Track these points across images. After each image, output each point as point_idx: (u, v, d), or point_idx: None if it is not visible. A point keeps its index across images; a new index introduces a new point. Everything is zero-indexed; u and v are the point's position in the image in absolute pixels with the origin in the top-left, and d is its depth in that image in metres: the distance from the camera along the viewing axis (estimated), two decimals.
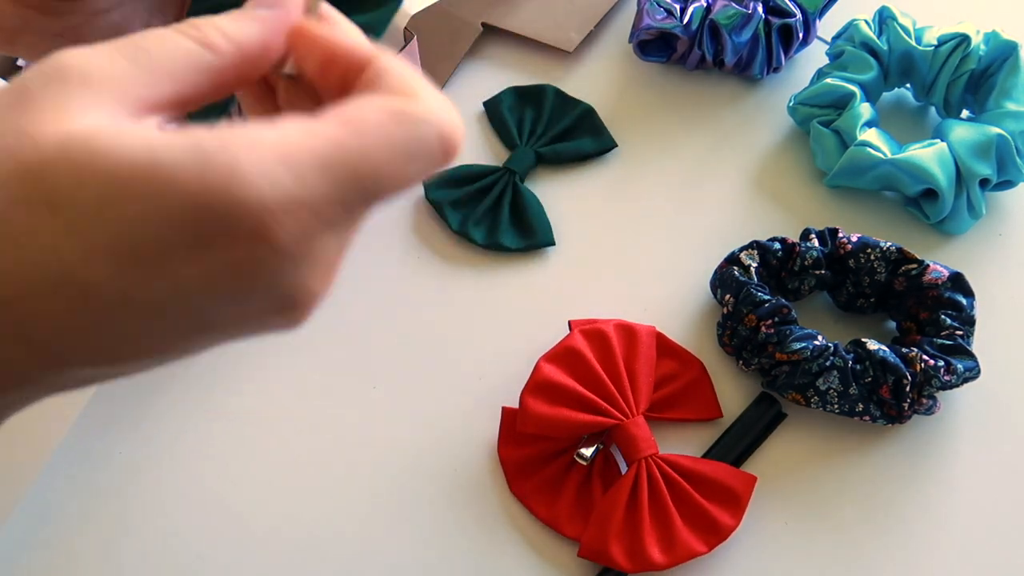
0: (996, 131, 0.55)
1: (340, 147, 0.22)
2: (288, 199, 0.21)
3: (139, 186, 0.20)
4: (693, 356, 0.54)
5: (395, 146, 0.23)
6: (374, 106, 0.23)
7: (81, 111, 0.21)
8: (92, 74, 0.22)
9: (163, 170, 0.20)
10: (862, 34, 0.59)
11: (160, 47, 0.23)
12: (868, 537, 0.50)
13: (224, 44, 0.24)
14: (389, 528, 0.50)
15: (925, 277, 0.52)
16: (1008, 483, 0.51)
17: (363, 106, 0.23)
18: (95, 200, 0.20)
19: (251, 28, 0.24)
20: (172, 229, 0.21)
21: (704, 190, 0.61)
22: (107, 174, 0.20)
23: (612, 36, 0.67)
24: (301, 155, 0.21)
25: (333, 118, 0.22)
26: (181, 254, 0.21)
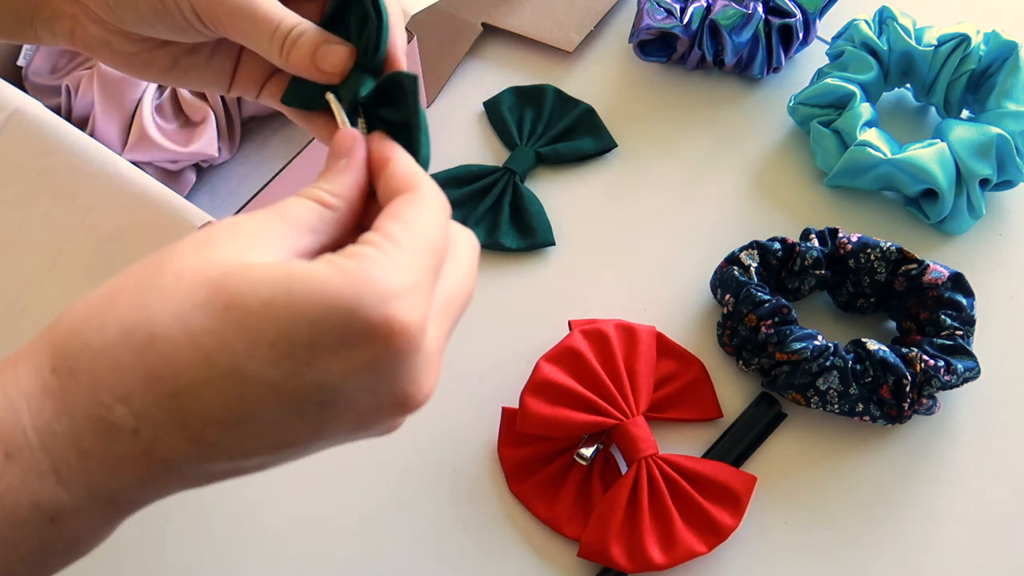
0: (996, 131, 0.55)
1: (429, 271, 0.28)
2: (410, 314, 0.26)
3: (300, 292, 0.25)
4: (693, 356, 0.54)
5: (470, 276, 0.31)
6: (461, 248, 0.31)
7: (252, 250, 0.27)
8: (257, 230, 0.28)
9: (318, 281, 0.25)
10: (862, 34, 0.59)
11: (298, 210, 0.29)
12: (868, 537, 0.50)
13: (335, 201, 0.30)
14: (389, 528, 0.50)
15: (925, 277, 0.52)
16: (1008, 483, 0.51)
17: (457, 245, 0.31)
18: (263, 301, 0.25)
19: (347, 181, 0.30)
20: (324, 329, 0.25)
21: (704, 190, 0.61)
22: (274, 282, 0.25)
23: (612, 36, 0.67)
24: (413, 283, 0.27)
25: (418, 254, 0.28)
26: (330, 350, 0.25)
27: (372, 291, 0.26)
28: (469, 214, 0.59)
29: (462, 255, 0.31)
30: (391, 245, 0.27)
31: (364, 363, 0.26)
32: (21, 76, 0.59)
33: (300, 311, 0.25)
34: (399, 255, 0.27)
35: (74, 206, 0.49)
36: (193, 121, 0.59)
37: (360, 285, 0.26)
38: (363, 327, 0.25)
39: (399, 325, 0.26)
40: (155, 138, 0.56)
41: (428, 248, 0.28)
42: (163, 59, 0.38)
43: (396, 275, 0.26)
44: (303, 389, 0.26)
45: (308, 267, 0.26)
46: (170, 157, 0.57)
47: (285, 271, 0.26)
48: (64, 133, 0.50)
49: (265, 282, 0.25)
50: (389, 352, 0.26)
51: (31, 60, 0.59)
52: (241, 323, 0.25)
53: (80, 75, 0.58)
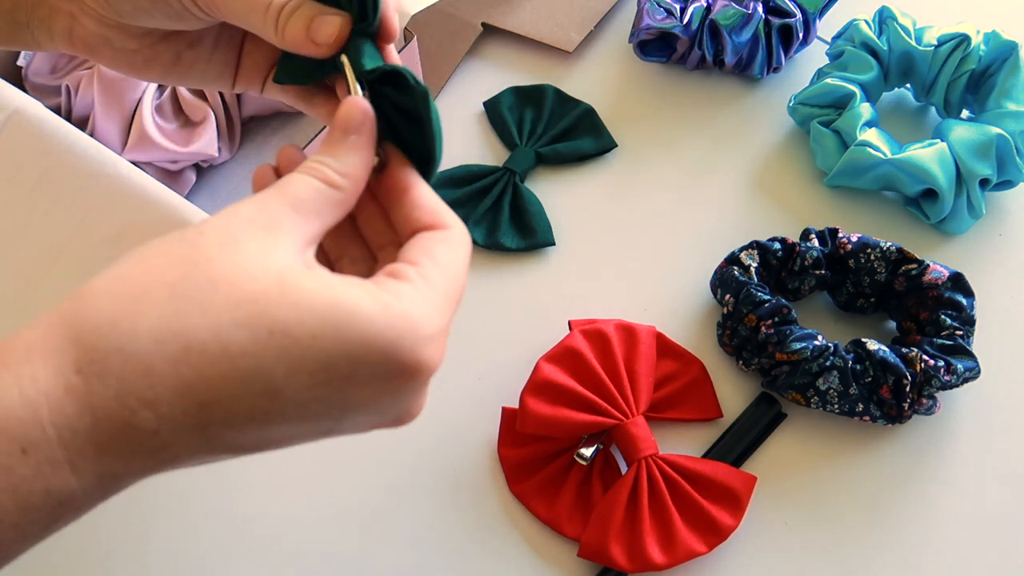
0: (996, 131, 0.55)
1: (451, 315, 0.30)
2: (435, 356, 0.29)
3: (345, 328, 0.27)
4: (693, 356, 0.54)
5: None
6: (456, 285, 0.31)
7: (274, 251, 0.28)
8: (272, 224, 0.28)
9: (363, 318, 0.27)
10: (862, 34, 0.59)
11: (306, 193, 0.29)
12: (868, 537, 0.50)
13: (342, 181, 0.30)
14: (390, 528, 0.50)
15: (925, 277, 0.52)
16: (1008, 483, 0.51)
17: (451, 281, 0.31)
18: (310, 334, 0.26)
19: (356, 160, 0.31)
20: (362, 364, 0.27)
21: (704, 190, 0.61)
22: (320, 315, 0.26)
23: (612, 36, 0.67)
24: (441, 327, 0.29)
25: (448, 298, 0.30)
26: (363, 382, 0.27)
27: (410, 335, 0.27)
28: (469, 214, 0.59)
29: None
30: (427, 286, 0.29)
31: (388, 392, 0.28)
32: (21, 76, 0.59)
33: (345, 346, 0.27)
34: (434, 298, 0.29)
35: (74, 206, 0.49)
36: (193, 121, 0.59)
37: (402, 327, 0.27)
38: (398, 366, 0.27)
39: (426, 368, 0.28)
40: (155, 138, 0.56)
41: (455, 292, 0.30)
42: (165, 55, 0.37)
43: (431, 319, 0.28)
44: (327, 409, 0.27)
45: (354, 299, 0.27)
46: (170, 157, 0.57)
47: (331, 300, 0.27)
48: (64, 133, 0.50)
49: (311, 313, 0.26)
50: (412, 385, 0.28)
51: (31, 60, 0.59)
52: (284, 350, 0.26)
53: (80, 75, 0.58)
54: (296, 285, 0.27)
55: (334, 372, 0.27)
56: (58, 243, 0.49)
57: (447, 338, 0.30)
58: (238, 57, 0.39)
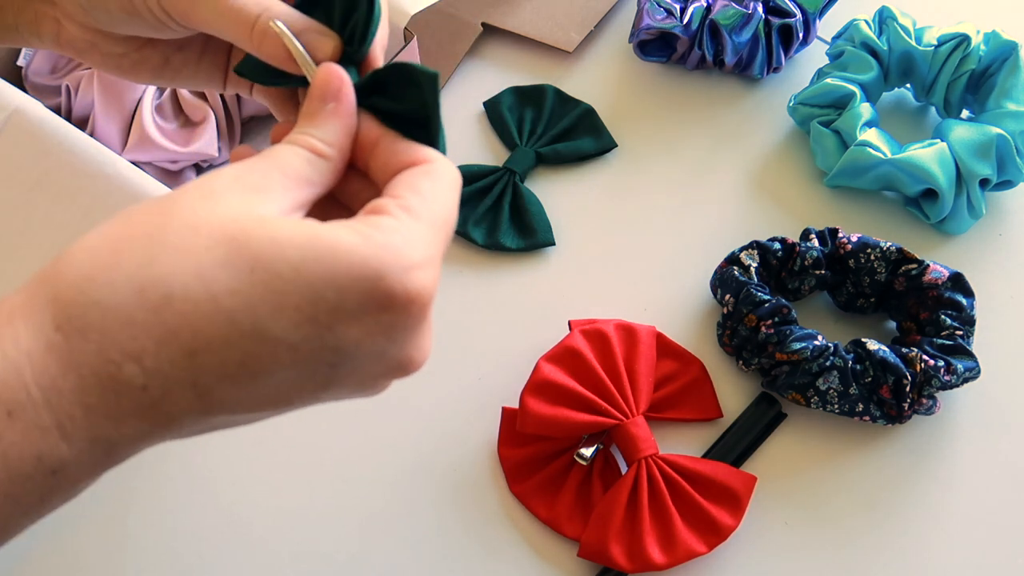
0: (996, 131, 0.55)
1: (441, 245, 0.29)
2: (427, 285, 0.28)
3: (329, 259, 0.26)
4: (693, 356, 0.54)
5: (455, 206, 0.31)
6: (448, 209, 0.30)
7: (256, 206, 0.27)
8: (259, 184, 0.28)
9: (345, 248, 0.26)
10: (862, 34, 0.59)
11: (294, 161, 0.29)
12: (868, 536, 0.50)
13: (328, 150, 0.30)
14: (389, 528, 0.50)
15: (925, 277, 0.52)
16: (1008, 483, 0.51)
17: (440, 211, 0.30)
18: (292, 266, 0.25)
19: (338, 127, 0.30)
20: (349, 296, 0.26)
21: (704, 190, 0.61)
22: (301, 247, 0.26)
23: (612, 36, 0.67)
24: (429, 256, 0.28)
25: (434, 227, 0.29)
26: (351, 316, 0.26)
27: (395, 262, 0.26)
28: (469, 214, 0.59)
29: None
30: (410, 217, 0.28)
31: (380, 330, 0.27)
32: (21, 76, 0.59)
33: (328, 277, 0.26)
34: (418, 227, 0.28)
35: (74, 206, 0.49)
36: (193, 121, 0.59)
37: (385, 255, 0.26)
38: (385, 296, 0.26)
39: (417, 295, 0.27)
40: (155, 138, 0.56)
41: (442, 222, 0.29)
42: (153, 59, 0.37)
43: (417, 247, 0.27)
44: (319, 351, 0.26)
45: (333, 233, 0.26)
46: (170, 157, 0.57)
47: (310, 234, 0.26)
48: (64, 133, 0.50)
49: (292, 246, 0.26)
50: (405, 320, 0.27)
51: (31, 60, 0.59)
52: (268, 285, 0.25)
53: (80, 75, 0.58)
54: (275, 223, 0.26)
55: (321, 306, 0.26)
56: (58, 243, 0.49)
57: (438, 269, 0.28)
58: (227, 61, 0.38)
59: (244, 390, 0.26)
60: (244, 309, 0.25)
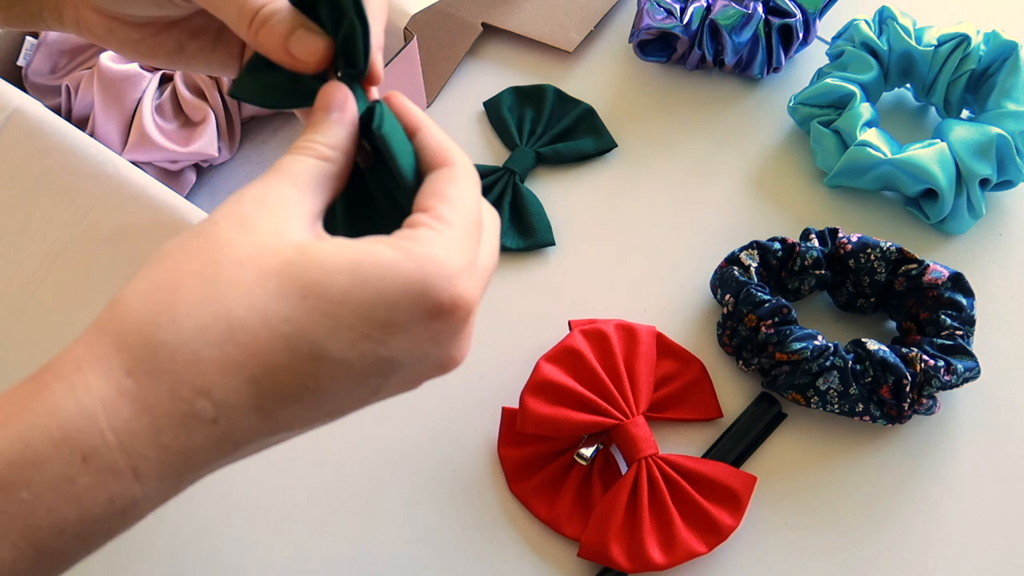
0: (996, 131, 0.55)
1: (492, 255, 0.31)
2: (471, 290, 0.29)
3: (375, 278, 0.27)
4: (693, 356, 0.54)
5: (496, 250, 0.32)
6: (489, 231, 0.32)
7: (287, 226, 0.28)
8: (278, 202, 0.29)
9: (390, 266, 0.27)
10: (862, 34, 0.59)
11: (301, 170, 0.30)
12: (868, 537, 0.50)
13: (332, 153, 0.30)
14: (389, 527, 0.50)
15: (925, 277, 0.52)
16: (1008, 483, 0.51)
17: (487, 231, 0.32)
18: (342, 290, 0.27)
19: (341, 133, 0.31)
20: (400, 310, 0.27)
21: (704, 190, 0.61)
22: (348, 271, 0.27)
23: (612, 36, 0.67)
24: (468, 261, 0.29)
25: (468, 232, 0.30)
26: (402, 329, 0.27)
27: (439, 273, 0.28)
28: None
29: (489, 230, 0.32)
30: (444, 226, 0.29)
31: (429, 337, 0.28)
32: (21, 76, 0.59)
33: (377, 296, 0.27)
34: (453, 235, 0.29)
35: (74, 206, 0.49)
36: (193, 121, 0.59)
37: (428, 267, 0.28)
38: (434, 306, 0.28)
39: (464, 302, 0.28)
40: (155, 138, 0.56)
41: (473, 225, 0.30)
42: (168, 44, 0.38)
43: (456, 256, 0.28)
44: (373, 365, 0.27)
45: (376, 252, 0.27)
46: (170, 157, 0.57)
47: (353, 258, 0.27)
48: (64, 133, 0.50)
49: (339, 271, 0.27)
50: (452, 326, 0.28)
51: (31, 60, 0.59)
52: (321, 310, 0.26)
53: (80, 75, 0.58)
54: (316, 249, 0.27)
55: (373, 323, 0.27)
56: (58, 243, 0.49)
57: (478, 272, 0.30)
58: (241, 49, 0.39)
59: (306, 408, 0.27)
60: (300, 335, 0.26)
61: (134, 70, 0.57)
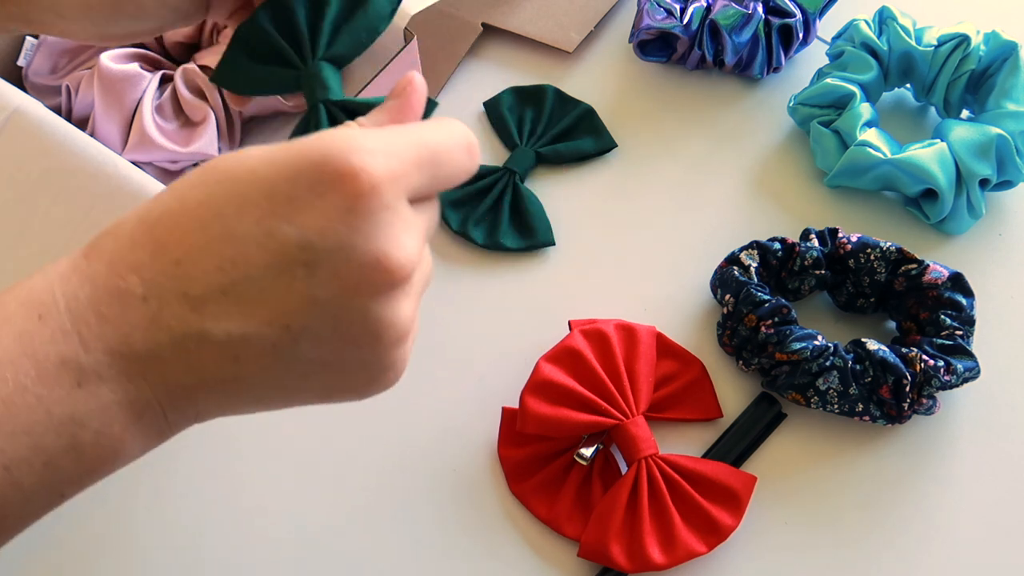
0: (996, 131, 0.55)
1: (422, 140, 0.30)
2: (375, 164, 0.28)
3: (281, 155, 0.28)
4: (693, 356, 0.54)
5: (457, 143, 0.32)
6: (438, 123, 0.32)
7: None
8: None
9: (297, 144, 0.28)
10: (862, 34, 0.59)
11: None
12: (868, 536, 0.50)
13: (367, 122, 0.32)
14: (389, 528, 0.50)
15: (925, 277, 0.52)
16: (1008, 483, 0.51)
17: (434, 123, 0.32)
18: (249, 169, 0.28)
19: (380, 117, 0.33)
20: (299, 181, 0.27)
21: (704, 190, 0.61)
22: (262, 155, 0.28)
23: (612, 36, 0.67)
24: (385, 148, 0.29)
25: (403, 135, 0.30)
26: (304, 202, 0.27)
27: (342, 144, 0.28)
28: (469, 214, 0.59)
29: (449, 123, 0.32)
30: (373, 127, 0.30)
31: (337, 215, 0.27)
32: (21, 76, 0.59)
33: (279, 169, 0.28)
34: (378, 131, 0.29)
35: (74, 206, 0.49)
36: (193, 121, 0.59)
37: (332, 140, 0.28)
38: (331, 174, 0.27)
39: (362, 171, 0.27)
40: (155, 138, 0.56)
41: (419, 136, 0.30)
42: None
43: (369, 137, 0.28)
44: (285, 247, 0.27)
45: (293, 140, 0.28)
46: (170, 157, 0.57)
47: (273, 146, 0.28)
48: (64, 133, 0.50)
49: (252, 156, 0.28)
50: (356, 199, 0.27)
51: (31, 60, 0.59)
52: (230, 190, 0.28)
53: (80, 75, 0.58)
54: (251, 149, 0.29)
55: (277, 198, 0.27)
56: (58, 243, 0.49)
57: (405, 166, 0.29)
58: None
59: (230, 299, 0.28)
60: (213, 215, 0.28)
61: (134, 70, 0.57)
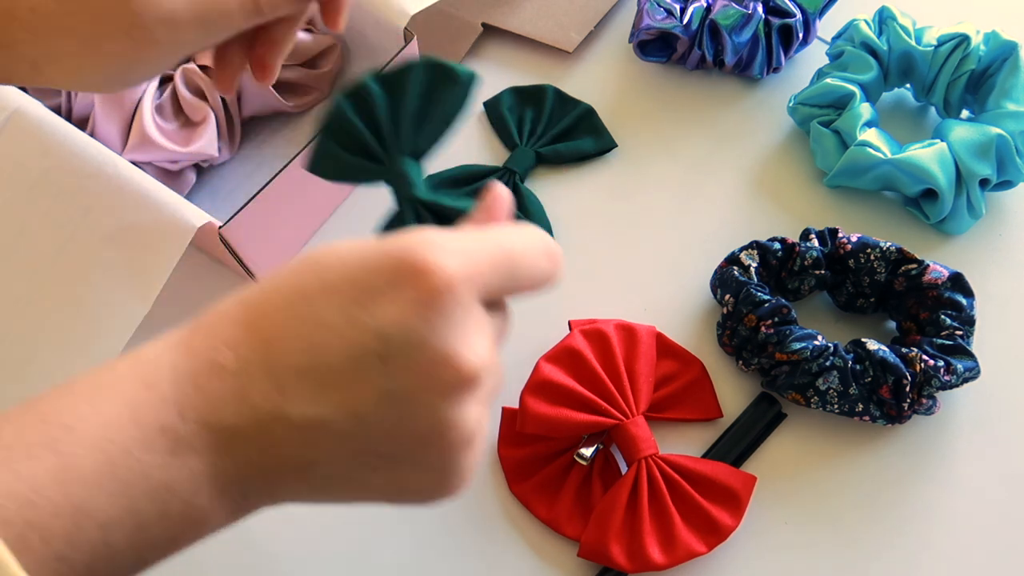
0: (996, 131, 0.55)
1: (499, 244, 0.31)
2: (453, 264, 0.29)
3: (367, 248, 0.29)
4: (693, 356, 0.54)
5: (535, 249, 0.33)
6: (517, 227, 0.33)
7: None
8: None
9: (383, 240, 0.29)
10: (862, 34, 0.59)
11: None
12: (868, 537, 0.50)
13: None
14: (389, 528, 0.50)
15: (925, 277, 0.52)
16: (1008, 483, 0.51)
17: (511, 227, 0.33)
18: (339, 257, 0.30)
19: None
20: (379, 274, 0.28)
21: (704, 190, 0.61)
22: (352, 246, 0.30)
23: (612, 36, 0.67)
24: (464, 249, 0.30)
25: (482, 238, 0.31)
26: (382, 293, 0.28)
27: (422, 242, 0.29)
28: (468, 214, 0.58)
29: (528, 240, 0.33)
30: (455, 231, 0.31)
31: (411, 307, 0.28)
32: None
33: (365, 261, 0.29)
34: (458, 233, 0.30)
35: (74, 206, 0.49)
36: (193, 121, 0.59)
37: (414, 238, 0.29)
38: (409, 268, 0.28)
39: (438, 268, 0.28)
40: (155, 138, 0.56)
41: (497, 240, 0.31)
42: None
43: (448, 237, 0.29)
44: (363, 336, 0.28)
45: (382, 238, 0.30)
46: (170, 157, 0.57)
47: (364, 240, 0.30)
48: (64, 133, 0.50)
49: (345, 247, 0.29)
50: (431, 294, 0.28)
51: None
52: (318, 276, 0.29)
53: None
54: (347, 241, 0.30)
55: (359, 287, 0.28)
56: (58, 243, 0.49)
57: (481, 268, 0.30)
58: None
59: (308, 381, 0.28)
60: (299, 297, 0.29)
61: None
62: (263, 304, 0.30)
